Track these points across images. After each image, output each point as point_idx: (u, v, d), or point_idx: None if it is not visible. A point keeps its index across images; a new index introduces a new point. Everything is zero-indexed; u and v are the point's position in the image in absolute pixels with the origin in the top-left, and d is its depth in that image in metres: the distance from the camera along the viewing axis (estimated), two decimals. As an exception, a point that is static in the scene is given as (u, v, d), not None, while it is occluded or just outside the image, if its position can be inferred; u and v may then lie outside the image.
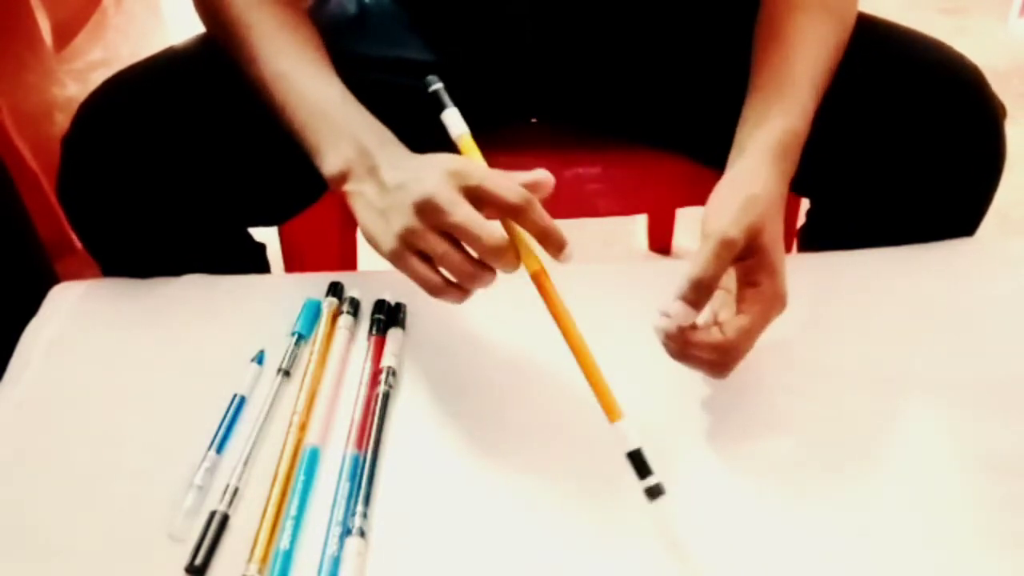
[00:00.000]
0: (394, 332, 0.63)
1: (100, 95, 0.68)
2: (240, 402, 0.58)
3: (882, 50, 0.69)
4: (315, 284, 0.67)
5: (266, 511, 0.51)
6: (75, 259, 0.90)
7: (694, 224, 1.43)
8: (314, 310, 0.65)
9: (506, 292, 0.55)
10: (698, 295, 0.52)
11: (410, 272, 0.54)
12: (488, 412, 0.58)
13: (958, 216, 0.71)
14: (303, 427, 0.56)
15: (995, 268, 0.69)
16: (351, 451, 0.55)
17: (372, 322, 0.64)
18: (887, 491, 0.52)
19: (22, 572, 0.50)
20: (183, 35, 0.72)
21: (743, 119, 0.62)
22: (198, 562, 0.48)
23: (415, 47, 0.76)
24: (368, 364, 0.61)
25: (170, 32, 1.44)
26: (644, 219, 1.46)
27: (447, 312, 0.60)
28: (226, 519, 0.51)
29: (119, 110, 0.67)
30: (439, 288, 0.54)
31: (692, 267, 0.52)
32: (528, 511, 0.52)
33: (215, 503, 0.51)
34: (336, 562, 0.48)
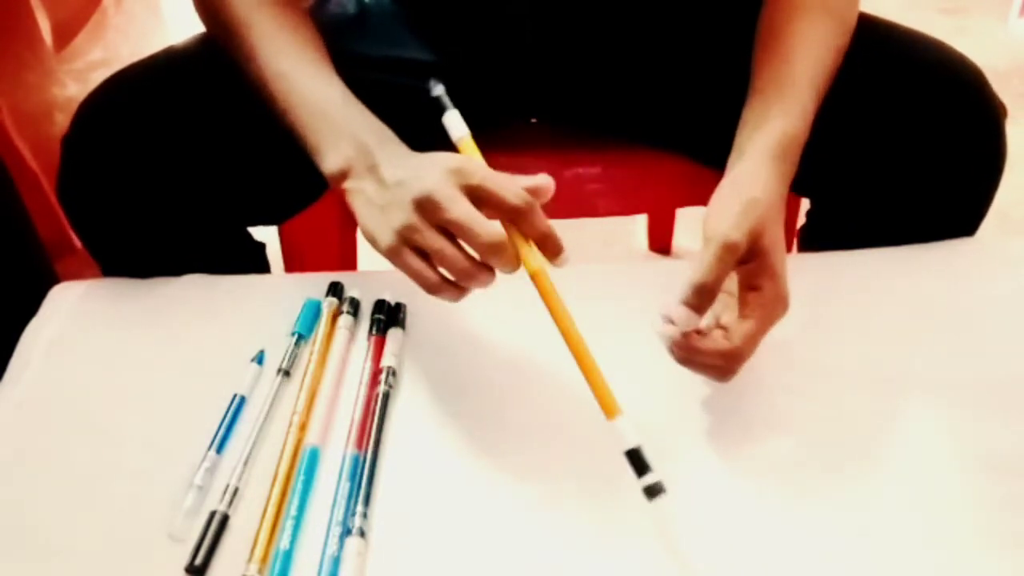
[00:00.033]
0: (394, 332, 0.63)
1: (100, 95, 0.68)
2: (240, 402, 0.58)
3: (883, 50, 0.69)
4: (315, 284, 0.67)
5: (266, 511, 0.51)
6: (75, 259, 0.90)
7: (694, 224, 1.44)
8: (314, 310, 0.65)
9: (506, 292, 0.55)
10: (701, 299, 0.52)
11: (407, 269, 0.54)
12: (488, 412, 0.58)
13: (959, 216, 0.71)
14: (303, 427, 0.56)
15: (995, 268, 0.69)
16: (351, 451, 0.55)
17: (372, 322, 0.64)
18: (887, 491, 0.52)
19: (22, 572, 0.50)
20: (183, 35, 0.72)
21: (743, 121, 0.62)
22: (198, 562, 0.48)
23: (415, 47, 0.76)
24: (368, 364, 0.61)
25: (170, 32, 1.44)
26: (644, 219, 1.46)
27: (447, 312, 0.60)
28: (226, 519, 0.51)
29: (119, 110, 0.67)
30: (436, 285, 0.54)
31: (694, 271, 0.52)
32: (528, 511, 0.52)
33: (215, 503, 0.51)
34: (336, 562, 0.48)
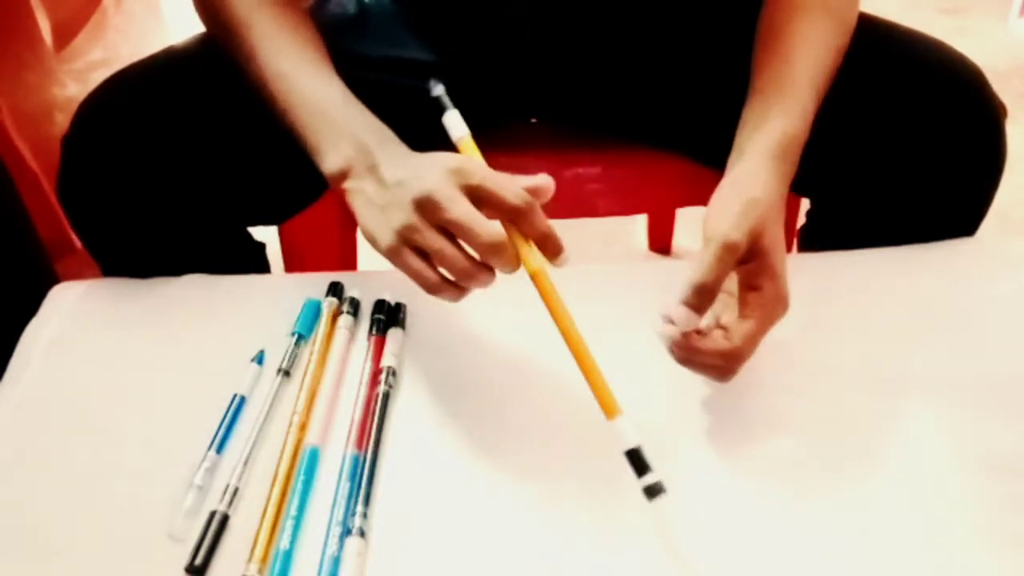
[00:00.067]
0: (394, 332, 0.63)
1: (100, 94, 0.68)
2: (240, 402, 0.58)
3: (883, 50, 0.69)
4: (315, 284, 0.67)
5: (266, 511, 0.51)
6: (75, 259, 0.90)
7: (694, 224, 1.44)
8: (314, 310, 0.65)
9: (506, 292, 0.55)
10: (701, 299, 0.52)
11: (406, 268, 0.54)
12: (488, 412, 0.58)
13: (959, 216, 0.71)
14: (303, 427, 0.56)
15: (995, 268, 0.69)
16: (351, 451, 0.55)
17: (372, 322, 0.64)
18: (887, 491, 0.52)
19: (22, 572, 0.50)
20: (183, 35, 0.72)
21: (743, 121, 0.62)
22: (198, 562, 0.48)
23: (415, 47, 0.76)
24: (368, 364, 0.61)
25: (170, 32, 1.44)
26: (644, 219, 1.46)
27: (447, 312, 0.60)
28: (226, 519, 0.51)
29: (119, 109, 0.67)
30: (435, 285, 0.54)
31: (694, 272, 0.52)
32: (528, 511, 0.52)
33: (215, 503, 0.51)
34: (336, 562, 0.48)
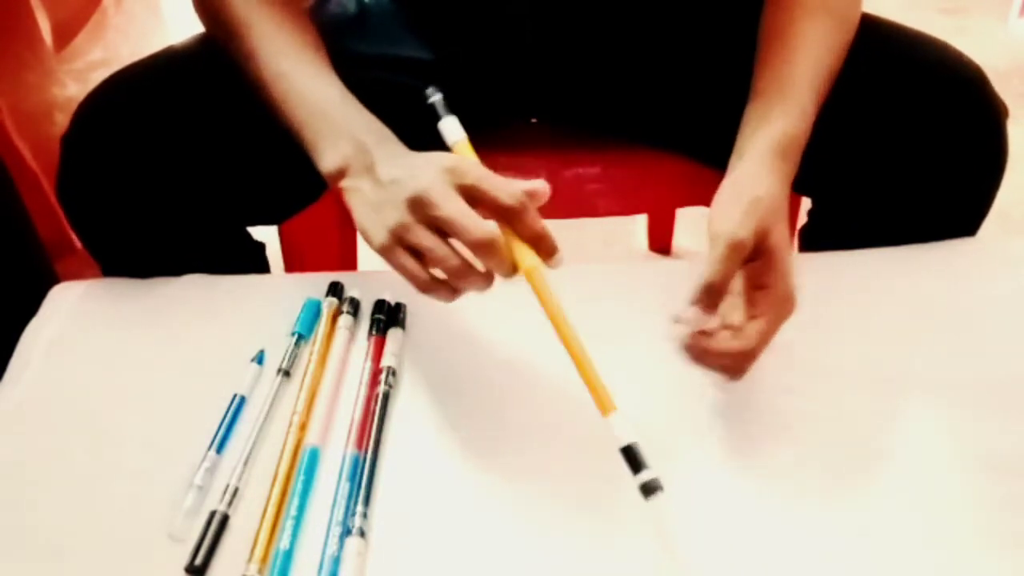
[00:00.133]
0: (394, 332, 0.63)
1: (99, 94, 0.68)
2: (240, 402, 0.58)
3: (884, 50, 0.69)
4: (315, 284, 0.67)
5: (266, 511, 0.51)
6: (75, 259, 0.90)
7: (694, 224, 1.44)
8: (314, 310, 0.65)
9: (506, 292, 0.55)
10: (710, 299, 0.52)
11: (399, 267, 0.54)
12: (488, 412, 0.58)
13: (960, 216, 0.71)
14: (303, 427, 0.56)
15: (996, 268, 0.69)
16: (351, 451, 0.55)
17: (372, 322, 0.64)
18: (887, 491, 0.52)
19: (22, 572, 0.50)
20: (183, 35, 0.72)
21: (744, 122, 0.62)
22: (198, 562, 0.48)
23: (415, 46, 0.76)
24: (368, 364, 0.61)
25: (170, 32, 1.44)
26: (644, 219, 1.46)
27: (447, 312, 0.60)
28: (226, 519, 0.51)
29: (118, 109, 0.67)
30: (427, 284, 0.54)
31: (703, 272, 0.52)
32: (528, 511, 0.52)
33: (215, 503, 0.51)
34: (336, 562, 0.48)
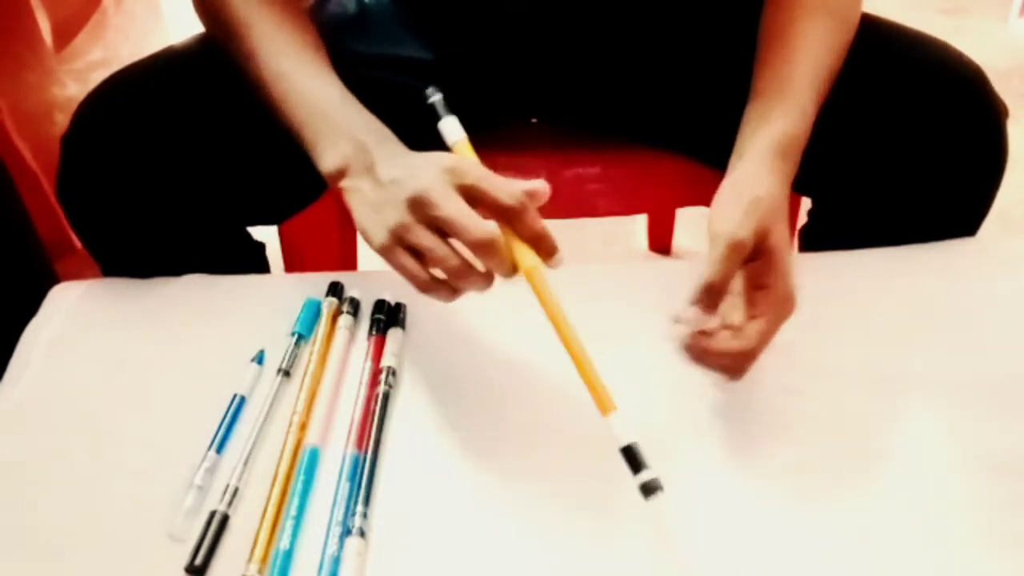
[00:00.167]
0: (394, 332, 0.63)
1: (99, 94, 0.68)
2: (240, 402, 0.58)
3: (884, 50, 0.69)
4: (315, 284, 0.67)
5: (266, 511, 0.51)
6: (75, 259, 0.90)
7: (694, 224, 1.44)
8: (314, 310, 0.65)
9: (506, 292, 0.55)
10: (710, 299, 0.53)
11: (398, 267, 0.54)
12: (488, 412, 0.58)
13: (960, 216, 0.71)
14: (303, 427, 0.56)
15: (995, 268, 0.69)
16: (351, 451, 0.55)
17: (372, 322, 0.64)
18: (887, 491, 0.52)
19: (22, 572, 0.50)
20: (183, 35, 0.72)
21: (744, 122, 0.62)
22: (198, 562, 0.48)
23: (415, 46, 0.76)
24: (368, 364, 0.61)
25: (170, 32, 1.44)
26: (644, 219, 1.46)
27: (447, 312, 0.60)
28: (226, 519, 0.51)
29: (118, 109, 0.67)
30: (426, 284, 0.54)
31: (703, 271, 0.52)
32: (528, 511, 0.52)
33: (215, 503, 0.51)
34: (336, 562, 0.48)
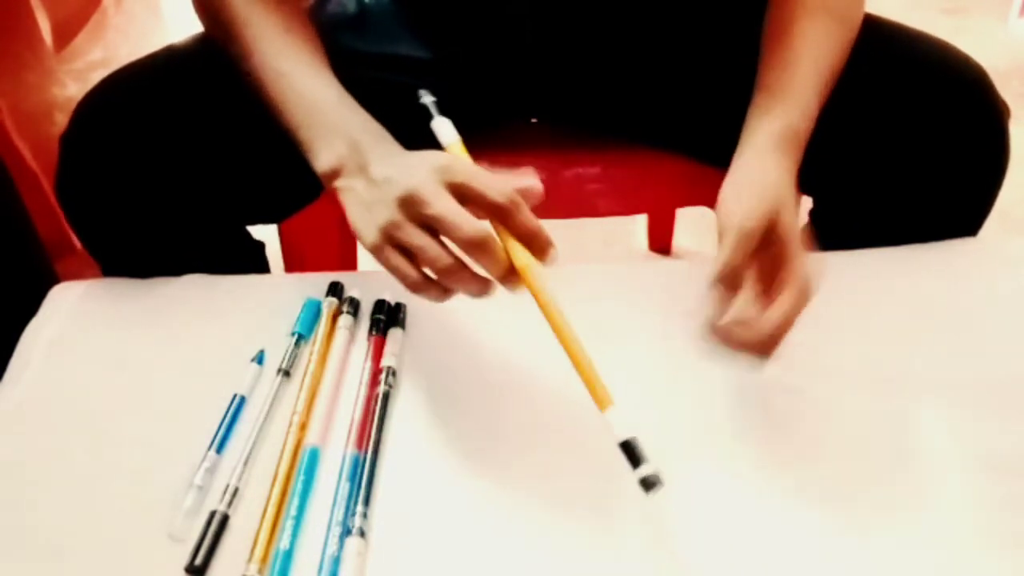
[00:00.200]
0: (394, 332, 0.63)
1: (98, 93, 0.68)
2: (240, 402, 0.58)
3: (887, 50, 0.69)
4: (315, 284, 0.67)
5: (266, 511, 0.51)
6: (75, 259, 0.90)
7: (694, 224, 1.44)
8: (314, 310, 0.65)
9: (505, 292, 0.55)
10: (725, 288, 0.53)
11: (390, 266, 0.53)
12: (488, 412, 0.58)
13: (961, 216, 0.71)
14: (303, 427, 0.56)
15: (996, 268, 0.69)
16: (351, 451, 0.55)
17: (372, 322, 0.64)
18: (887, 491, 0.52)
19: (22, 572, 0.50)
20: (183, 35, 0.72)
21: (746, 120, 0.62)
22: (198, 562, 0.48)
23: (414, 46, 0.76)
24: (368, 364, 0.61)
25: (170, 32, 1.44)
26: (644, 219, 1.46)
27: (447, 312, 0.60)
28: (226, 519, 0.51)
29: (117, 108, 0.67)
30: (417, 283, 0.53)
31: (716, 260, 0.53)
32: (529, 510, 0.52)
33: (215, 503, 0.51)
34: (336, 562, 0.48)
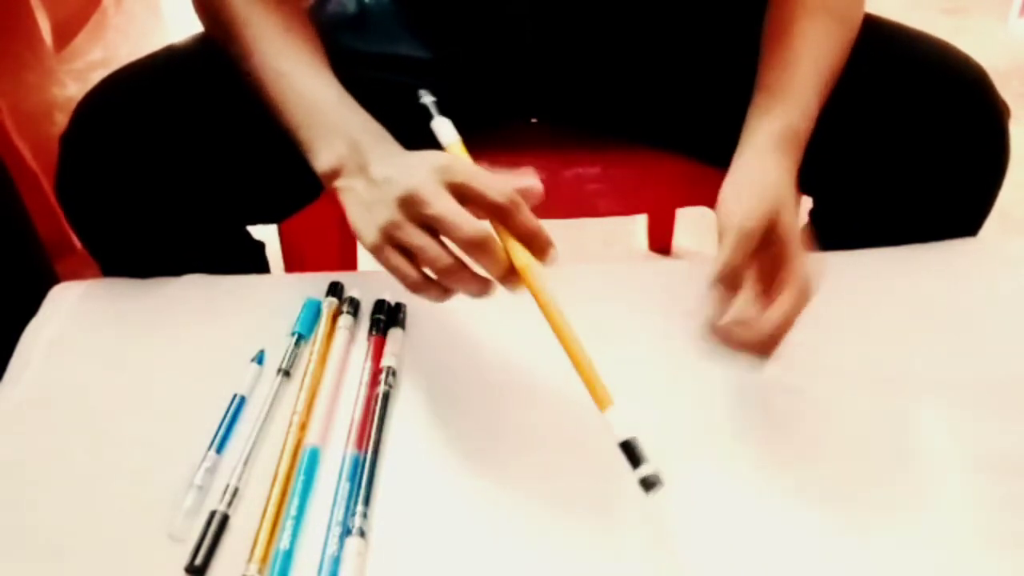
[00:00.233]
0: (394, 332, 0.63)
1: (98, 93, 0.68)
2: (240, 402, 0.58)
3: (887, 50, 0.69)
4: (315, 284, 0.67)
5: (266, 511, 0.51)
6: (75, 259, 0.90)
7: (694, 224, 1.44)
8: (314, 310, 0.65)
9: (505, 292, 0.55)
10: (726, 288, 0.53)
11: (389, 266, 0.53)
12: (488, 412, 0.58)
13: (961, 216, 0.71)
14: (303, 427, 0.56)
15: (996, 268, 0.69)
16: (351, 451, 0.55)
17: (372, 322, 0.64)
18: (887, 491, 0.52)
19: (22, 572, 0.50)
20: (183, 35, 0.72)
21: (746, 120, 0.62)
22: (198, 562, 0.48)
23: (414, 46, 0.76)
24: (368, 364, 0.61)
25: (170, 32, 1.44)
26: (644, 219, 1.46)
27: (447, 312, 0.60)
28: (226, 519, 0.51)
29: (117, 108, 0.67)
30: (416, 283, 0.53)
31: (716, 260, 0.53)
32: (529, 510, 0.52)
33: (215, 503, 0.51)
34: (336, 562, 0.48)
